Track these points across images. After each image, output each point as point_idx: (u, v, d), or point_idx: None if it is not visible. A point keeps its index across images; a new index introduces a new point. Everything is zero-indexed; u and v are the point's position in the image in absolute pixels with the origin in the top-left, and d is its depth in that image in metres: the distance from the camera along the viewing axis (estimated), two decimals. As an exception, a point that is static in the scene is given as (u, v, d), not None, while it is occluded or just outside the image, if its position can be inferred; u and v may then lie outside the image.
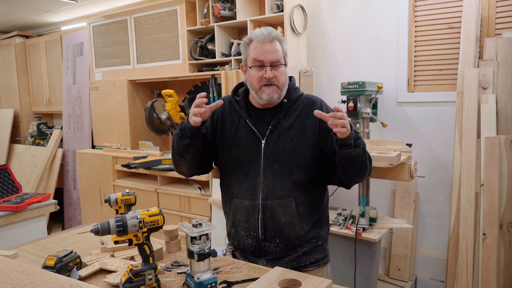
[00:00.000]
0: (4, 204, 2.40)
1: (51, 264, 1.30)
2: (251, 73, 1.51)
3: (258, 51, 1.47)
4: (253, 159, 1.52)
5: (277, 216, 1.49)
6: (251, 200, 1.52)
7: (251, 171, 1.52)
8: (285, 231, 1.50)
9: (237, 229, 1.58)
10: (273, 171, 1.50)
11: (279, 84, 1.49)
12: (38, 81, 5.06)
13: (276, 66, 1.48)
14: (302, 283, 1.15)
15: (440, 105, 2.77)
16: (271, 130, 1.53)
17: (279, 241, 1.51)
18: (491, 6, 2.59)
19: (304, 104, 1.57)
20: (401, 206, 2.92)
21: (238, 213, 1.56)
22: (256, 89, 1.51)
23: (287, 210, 1.49)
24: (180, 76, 3.48)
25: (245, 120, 1.56)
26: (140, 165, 3.32)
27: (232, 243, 1.64)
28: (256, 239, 1.52)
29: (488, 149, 2.34)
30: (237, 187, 1.56)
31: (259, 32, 1.49)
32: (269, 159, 1.50)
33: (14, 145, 4.96)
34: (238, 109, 1.59)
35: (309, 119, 1.52)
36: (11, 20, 4.79)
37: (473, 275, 2.40)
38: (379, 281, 2.86)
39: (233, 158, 1.55)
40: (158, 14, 3.52)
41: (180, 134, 1.48)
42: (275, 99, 1.51)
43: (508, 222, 2.31)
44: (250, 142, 1.53)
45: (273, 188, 1.50)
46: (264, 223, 1.50)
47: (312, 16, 3.18)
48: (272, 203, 1.49)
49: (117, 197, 1.64)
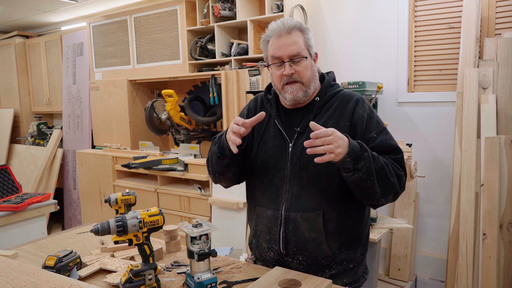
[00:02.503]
0: (4, 204, 2.40)
1: (51, 264, 1.30)
2: (272, 72, 1.37)
3: (275, 47, 1.32)
4: (279, 164, 1.36)
5: (300, 231, 1.32)
6: (274, 210, 1.36)
7: (276, 177, 1.37)
8: (310, 248, 1.32)
9: (258, 240, 1.43)
10: (299, 179, 1.33)
11: (303, 80, 1.33)
12: (38, 81, 5.06)
13: (296, 60, 1.31)
14: (302, 283, 1.15)
15: (440, 105, 2.77)
16: (300, 132, 1.35)
17: (303, 259, 1.34)
18: (491, 6, 2.59)
19: (339, 102, 1.38)
20: (401, 206, 2.92)
21: (260, 223, 1.41)
22: (279, 89, 1.37)
23: (313, 224, 1.31)
24: (180, 76, 3.48)
25: (274, 120, 1.41)
26: (140, 165, 3.32)
27: (254, 253, 1.49)
28: (278, 253, 1.37)
29: (488, 149, 2.34)
30: (261, 193, 1.41)
31: (275, 26, 1.34)
32: (296, 165, 1.33)
33: (14, 145, 4.96)
34: (269, 108, 1.43)
35: (343, 119, 1.34)
36: (11, 20, 4.79)
37: (473, 275, 2.39)
38: (379, 281, 2.86)
39: (258, 161, 1.41)
40: (158, 14, 3.52)
41: (219, 153, 1.34)
42: (301, 98, 1.35)
43: (508, 222, 2.31)
44: (278, 145, 1.38)
45: (298, 198, 1.33)
46: (286, 237, 1.34)
47: (312, 16, 3.18)
48: (295, 215, 1.32)
49: (117, 197, 1.64)
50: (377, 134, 1.31)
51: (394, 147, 1.31)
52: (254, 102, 1.52)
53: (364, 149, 1.20)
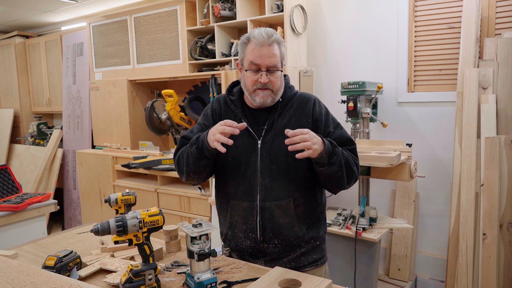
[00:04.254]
0: (4, 204, 2.40)
1: (51, 264, 1.30)
2: (246, 75, 1.48)
3: (255, 54, 1.43)
4: (249, 160, 1.49)
5: (275, 217, 1.47)
6: (249, 202, 1.49)
7: (248, 172, 1.49)
8: (284, 232, 1.48)
9: (234, 230, 1.55)
10: (270, 171, 1.47)
11: (273, 88, 1.47)
12: (38, 81, 5.06)
13: (272, 71, 1.45)
14: (302, 283, 1.15)
15: (440, 105, 2.77)
16: (267, 130, 1.50)
17: (278, 242, 1.49)
18: (491, 6, 2.59)
19: (299, 102, 1.54)
20: (401, 206, 2.92)
21: (235, 215, 1.53)
22: (250, 91, 1.48)
23: (285, 211, 1.47)
24: (180, 76, 3.48)
25: (240, 119, 1.52)
26: (140, 165, 3.32)
27: (228, 244, 1.61)
28: (255, 240, 1.50)
29: (488, 149, 2.34)
30: (234, 188, 1.52)
31: (258, 34, 1.44)
32: (266, 159, 1.47)
33: (14, 145, 4.97)
34: (234, 109, 1.56)
35: (304, 117, 1.51)
36: (11, 20, 4.79)
37: (473, 275, 2.40)
38: (379, 281, 2.86)
39: (230, 158, 1.51)
40: (158, 14, 3.52)
41: (198, 154, 1.43)
42: (268, 103, 1.49)
43: (508, 222, 2.31)
44: (247, 142, 1.50)
45: (271, 189, 1.47)
46: (263, 225, 1.48)
47: (312, 16, 3.18)
48: (270, 204, 1.47)
49: (117, 197, 1.64)
50: (334, 128, 1.52)
51: (349, 139, 1.52)
52: (217, 103, 1.62)
53: (334, 145, 1.39)
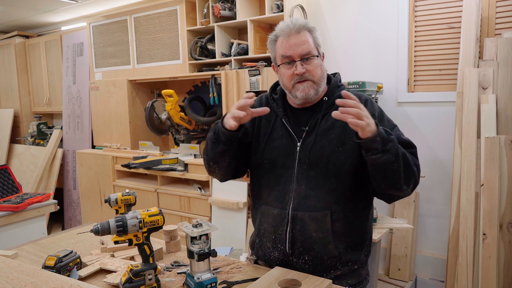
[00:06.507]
0: (4, 204, 2.40)
1: (51, 264, 1.30)
2: (281, 72, 1.36)
3: (285, 46, 1.32)
4: (286, 163, 1.36)
5: (308, 230, 1.31)
6: (280, 209, 1.34)
7: (283, 176, 1.36)
8: (316, 248, 1.31)
9: (262, 239, 1.41)
10: (307, 178, 1.32)
11: (314, 78, 1.32)
12: (38, 81, 5.06)
13: (307, 59, 1.31)
14: (302, 283, 1.15)
15: (440, 105, 2.77)
16: (308, 131, 1.35)
17: (308, 259, 1.33)
18: (491, 6, 2.59)
19: None
20: (401, 206, 2.92)
21: (265, 222, 1.39)
22: (289, 88, 1.35)
23: (320, 224, 1.30)
24: (180, 76, 3.48)
25: (281, 119, 1.40)
26: (140, 165, 3.32)
27: (256, 253, 1.47)
28: (283, 252, 1.35)
29: (488, 149, 2.33)
30: (267, 193, 1.40)
31: (283, 25, 1.33)
32: (304, 164, 1.33)
33: (14, 145, 4.96)
34: (275, 108, 1.42)
35: None
36: (11, 20, 4.79)
37: (473, 275, 2.39)
38: (379, 281, 2.86)
39: (265, 160, 1.40)
40: (158, 14, 3.52)
41: (214, 138, 1.33)
42: (312, 96, 1.34)
43: (508, 222, 2.31)
44: (285, 144, 1.37)
45: (306, 198, 1.32)
46: (293, 236, 1.32)
47: (312, 16, 3.18)
48: (303, 214, 1.31)
49: (117, 197, 1.64)
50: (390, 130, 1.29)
51: (408, 142, 1.34)
52: (259, 102, 1.51)
53: (390, 133, 1.19)
